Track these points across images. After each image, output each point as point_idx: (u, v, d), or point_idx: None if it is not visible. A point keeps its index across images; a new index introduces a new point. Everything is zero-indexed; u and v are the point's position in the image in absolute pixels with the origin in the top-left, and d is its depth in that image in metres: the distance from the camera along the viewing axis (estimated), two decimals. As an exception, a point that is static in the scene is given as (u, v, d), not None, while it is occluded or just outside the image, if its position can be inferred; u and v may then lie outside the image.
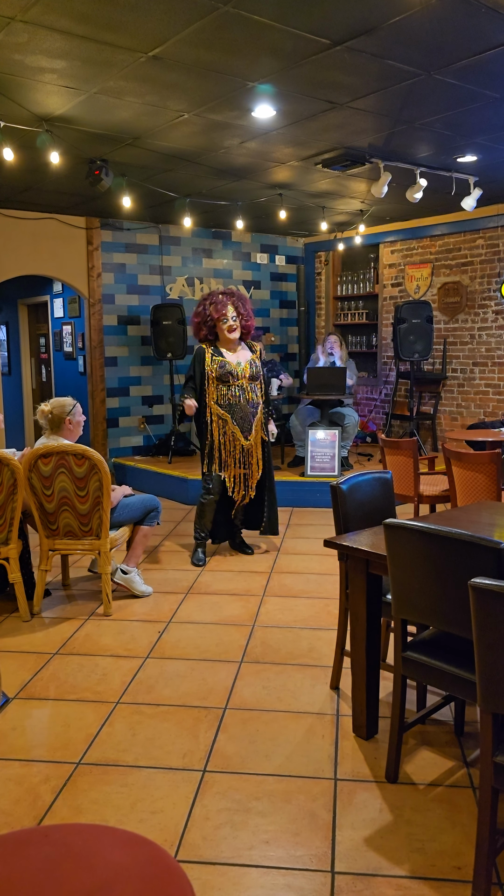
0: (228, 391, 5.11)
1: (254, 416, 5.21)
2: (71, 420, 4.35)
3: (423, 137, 5.28)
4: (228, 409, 5.13)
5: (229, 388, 5.11)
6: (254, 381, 5.22)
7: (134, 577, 4.59)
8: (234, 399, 5.13)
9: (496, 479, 4.42)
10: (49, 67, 3.93)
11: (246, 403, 5.17)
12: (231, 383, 5.11)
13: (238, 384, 5.13)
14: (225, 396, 5.11)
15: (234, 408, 5.14)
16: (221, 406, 5.12)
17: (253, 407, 5.21)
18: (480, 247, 8.15)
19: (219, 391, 5.12)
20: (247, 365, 5.19)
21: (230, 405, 5.13)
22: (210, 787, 2.59)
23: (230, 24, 3.44)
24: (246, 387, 5.16)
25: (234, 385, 5.11)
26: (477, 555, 2.21)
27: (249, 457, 5.22)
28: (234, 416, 5.14)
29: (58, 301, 9.59)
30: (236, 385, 5.12)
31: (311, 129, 5.02)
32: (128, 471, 8.24)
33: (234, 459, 5.18)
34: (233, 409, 5.14)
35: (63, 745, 2.87)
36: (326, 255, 9.99)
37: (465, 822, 2.39)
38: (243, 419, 5.16)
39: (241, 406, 5.15)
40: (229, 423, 5.13)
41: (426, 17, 3.38)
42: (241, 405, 5.15)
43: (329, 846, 2.28)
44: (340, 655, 3.31)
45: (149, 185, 6.56)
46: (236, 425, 5.14)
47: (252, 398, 5.21)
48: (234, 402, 5.13)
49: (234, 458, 5.17)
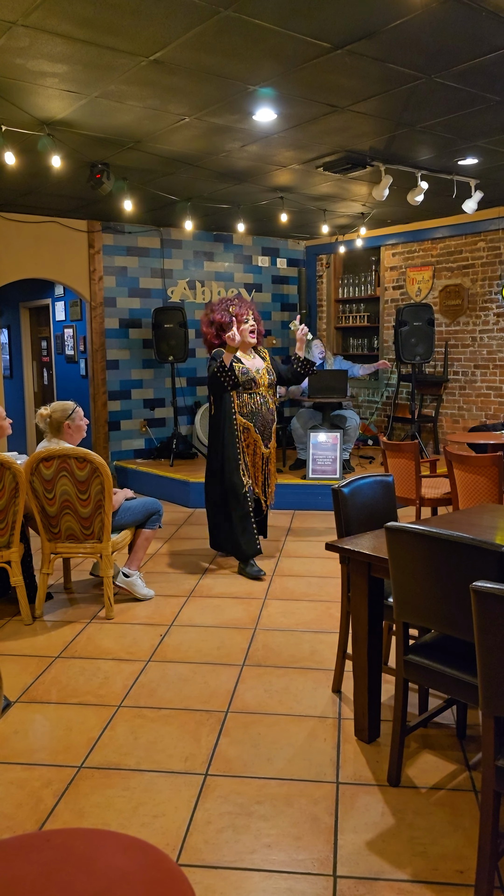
0: (251, 399, 4.98)
1: (272, 424, 5.12)
2: (70, 424, 4.35)
3: (425, 140, 5.28)
4: (251, 417, 4.99)
5: (252, 395, 4.98)
6: (271, 388, 5.12)
7: (136, 580, 4.59)
8: (257, 407, 5.00)
9: (498, 481, 4.42)
10: (50, 71, 3.94)
11: (267, 411, 5.06)
12: (254, 390, 4.98)
13: (259, 392, 5.01)
14: (248, 405, 4.98)
15: (256, 416, 5.01)
16: (244, 415, 4.98)
17: (271, 414, 5.11)
18: (482, 249, 8.15)
19: (241, 399, 4.97)
20: (264, 371, 5.08)
21: (253, 413, 4.99)
22: (212, 790, 2.59)
23: (231, 28, 3.44)
24: (266, 394, 5.05)
25: (256, 392, 4.99)
26: (479, 558, 2.21)
27: (268, 464, 5.12)
28: (257, 425, 5.01)
29: (59, 304, 9.61)
30: (258, 392, 5.00)
31: (313, 132, 5.03)
32: (129, 474, 8.24)
33: (257, 468, 5.06)
34: (255, 418, 5.00)
35: (65, 749, 2.87)
36: (328, 257, 10.00)
37: (467, 825, 2.38)
38: (264, 427, 5.05)
39: (262, 414, 5.03)
40: (252, 431, 4.99)
41: (427, 21, 3.39)
42: (262, 413, 5.03)
43: (331, 850, 2.28)
44: (342, 659, 3.31)
45: (150, 189, 6.57)
46: (259, 433, 5.02)
47: (271, 406, 5.11)
48: (256, 410, 5.00)
49: (255, 468, 5.06)
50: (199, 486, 7.29)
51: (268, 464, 5.13)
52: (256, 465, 5.06)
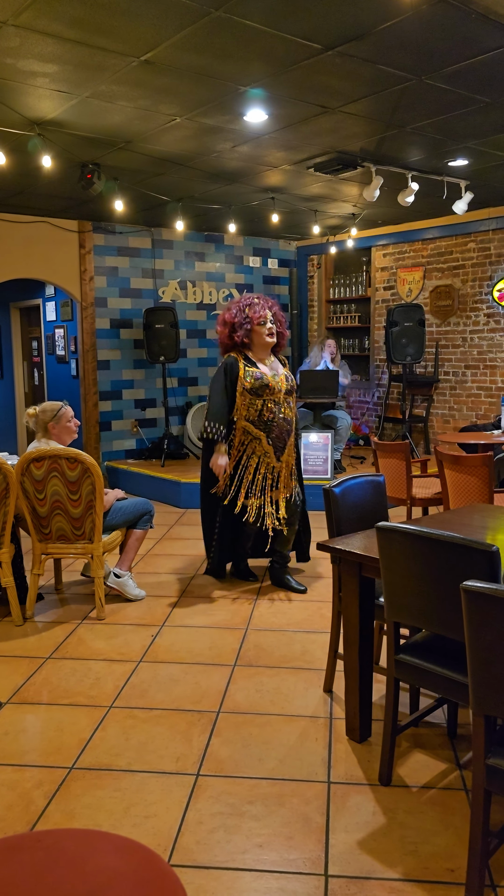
0: (264, 406, 4.47)
1: (289, 436, 4.61)
2: (55, 424, 4.33)
3: (415, 141, 5.30)
4: (264, 426, 4.49)
5: (264, 402, 4.47)
6: (289, 395, 4.61)
7: (127, 580, 4.58)
8: (271, 415, 4.48)
9: (488, 481, 4.43)
10: (41, 71, 3.93)
11: (283, 421, 4.54)
12: (266, 396, 4.47)
13: (274, 398, 4.49)
14: (260, 412, 4.47)
15: (269, 425, 4.49)
16: (254, 423, 4.48)
17: (288, 424, 4.59)
18: (472, 250, 8.18)
19: (252, 406, 4.48)
20: (282, 377, 4.57)
21: (266, 422, 4.49)
22: (203, 790, 2.59)
23: (221, 29, 3.45)
24: (282, 401, 4.54)
25: (268, 399, 4.48)
26: (469, 558, 2.22)
27: (278, 480, 4.58)
28: (270, 435, 4.50)
29: (50, 304, 9.58)
30: (272, 399, 4.49)
31: (303, 133, 5.04)
32: (120, 474, 8.23)
33: (260, 485, 4.54)
34: (269, 427, 4.49)
35: (56, 750, 2.87)
36: (319, 258, 10.01)
37: (458, 824, 2.39)
38: (279, 438, 4.54)
39: (277, 423, 4.51)
40: (263, 442, 4.49)
41: (417, 23, 3.40)
42: (277, 422, 4.51)
43: (322, 849, 2.28)
44: (333, 658, 3.32)
45: (141, 189, 6.57)
46: (271, 445, 4.51)
47: (288, 415, 4.59)
48: (269, 419, 4.48)
49: (258, 484, 4.54)
50: (190, 487, 7.28)
51: (278, 480, 4.57)
52: (259, 483, 4.54)
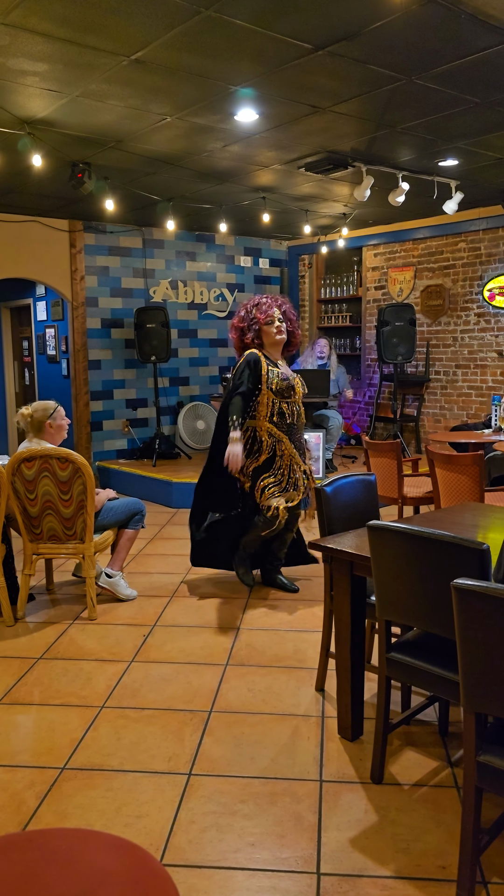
0: (288, 408, 4.34)
1: (303, 438, 4.56)
2: (52, 423, 4.32)
3: (405, 141, 5.32)
4: (287, 429, 4.36)
5: (290, 404, 4.35)
6: (303, 399, 4.52)
7: (118, 580, 4.57)
8: (293, 418, 4.38)
9: (479, 480, 4.45)
10: (31, 70, 3.92)
11: (301, 423, 4.49)
12: (292, 399, 4.36)
13: (295, 401, 4.40)
14: (283, 414, 4.34)
15: (291, 428, 4.38)
16: (279, 426, 4.34)
17: (302, 429, 4.55)
18: (462, 250, 8.21)
19: (276, 408, 4.32)
20: (299, 380, 4.48)
21: (289, 425, 4.37)
22: (195, 790, 2.59)
23: (212, 28, 3.45)
24: (300, 404, 4.46)
25: (291, 401, 4.36)
26: (460, 556, 2.23)
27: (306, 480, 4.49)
28: (292, 437, 4.40)
29: (41, 304, 9.56)
30: (294, 402, 4.38)
31: (294, 132, 5.04)
32: (112, 474, 8.21)
33: (295, 485, 4.44)
34: (291, 430, 4.38)
35: (47, 751, 2.86)
36: (310, 258, 10.02)
37: (449, 821, 2.40)
38: (299, 440, 4.47)
39: (297, 427, 4.43)
40: (286, 444, 4.36)
41: (407, 23, 3.41)
42: (297, 426, 4.43)
43: (315, 848, 2.28)
44: (325, 657, 3.32)
45: (132, 189, 6.56)
46: (294, 447, 4.41)
47: (303, 418, 4.53)
48: (292, 422, 4.37)
49: (293, 484, 4.43)
50: (182, 486, 7.28)
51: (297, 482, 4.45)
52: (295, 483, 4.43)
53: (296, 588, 4.69)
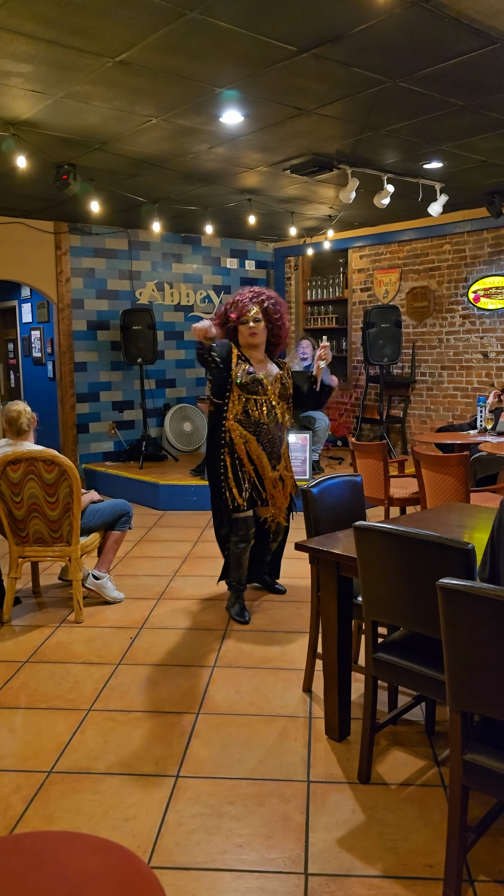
0: (255, 407, 4.07)
1: (281, 443, 4.22)
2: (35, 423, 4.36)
3: (390, 144, 5.34)
4: (254, 427, 4.08)
5: (256, 401, 4.08)
6: (282, 399, 4.20)
7: (106, 582, 4.56)
8: (261, 416, 4.08)
9: (465, 481, 4.48)
10: (15, 71, 3.90)
11: (274, 425, 4.14)
12: (260, 395, 4.08)
13: (266, 400, 4.10)
14: (250, 412, 4.08)
15: (260, 427, 4.09)
16: (244, 425, 4.08)
17: (280, 431, 4.20)
18: (447, 252, 8.26)
19: (242, 404, 4.07)
20: (276, 378, 4.16)
21: (257, 423, 4.08)
22: (183, 792, 2.58)
23: (197, 30, 3.45)
24: (275, 404, 4.15)
25: (262, 399, 4.09)
26: (446, 556, 2.24)
27: (277, 490, 4.22)
28: (261, 439, 4.10)
29: (26, 306, 9.52)
30: (265, 400, 4.10)
31: (279, 134, 5.06)
32: (98, 476, 8.19)
33: (264, 491, 4.18)
34: (259, 429, 4.09)
35: (34, 754, 2.85)
36: (296, 259, 10.04)
37: (436, 820, 2.41)
38: (271, 443, 4.14)
39: (268, 427, 4.11)
40: (253, 444, 4.09)
41: (391, 26, 3.43)
42: (268, 425, 4.10)
43: (302, 848, 2.29)
44: (312, 658, 3.33)
45: (117, 190, 6.54)
46: (263, 450, 4.11)
47: (280, 419, 4.18)
48: (260, 420, 4.08)
49: (263, 490, 4.18)
50: (168, 489, 7.27)
51: (277, 490, 4.22)
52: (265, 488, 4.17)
53: (283, 590, 4.68)
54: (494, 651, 1.89)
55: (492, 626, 1.88)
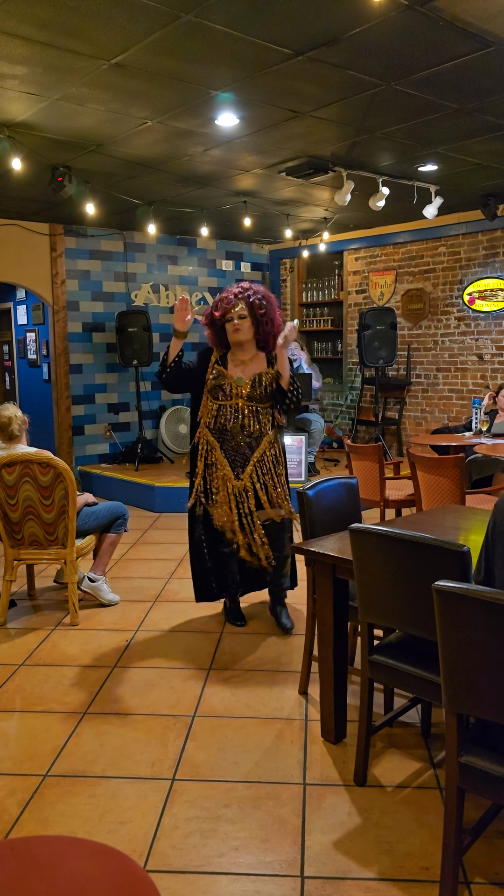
0: (219, 411, 3.91)
1: (251, 450, 3.92)
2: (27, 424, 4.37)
3: (385, 147, 5.35)
4: (218, 434, 3.93)
5: (220, 406, 3.91)
6: (257, 402, 3.91)
7: (101, 585, 4.55)
8: (225, 422, 3.90)
9: (460, 483, 4.48)
10: (10, 73, 3.90)
11: (240, 431, 3.89)
12: (221, 401, 3.91)
13: (231, 404, 3.89)
14: (215, 417, 3.93)
15: (224, 434, 3.92)
16: (210, 429, 3.95)
17: (250, 437, 3.91)
18: (442, 254, 8.27)
19: (207, 408, 3.98)
20: (248, 382, 3.91)
21: (220, 430, 3.92)
22: (179, 795, 2.58)
23: (192, 33, 3.45)
24: (241, 409, 3.89)
25: (225, 405, 3.90)
26: (441, 558, 2.24)
27: (245, 501, 3.92)
28: (224, 445, 3.92)
29: (21, 308, 9.50)
30: (229, 405, 3.90)
31: (275, 137, 5.06)
32: (94, 479, 8.17)
33: (227, 501, 3.95)
34: (223, 436, 3.92)
35: (29, 758, 2.84)
36: (291, 262, 10.05)
37: (432, 822, 2.41)
38: (235, 451, 3.91)
39: (232, 433, 3.90)
40: (217, 452, 3.93)
41: (386, 29, 3.43)
42: (231, 432, 3.90)
43: (298, 851, 2.29)
44: (308, 660, 3.33)
45: (112, 192, 6.54)
46: (225, 457, 3.92)
47: (250, 426, 3.90)
48: (224, 426, 3.91)
49: (225, 499, 3.95)
50: (164, 491, 7.26)
51: (245, 502, 3.91)
52: (229, 500, 3.93)
53: (289, 626, 4.13)
54: (490, 653, 1.90)
55: (487, 628, 1.88)
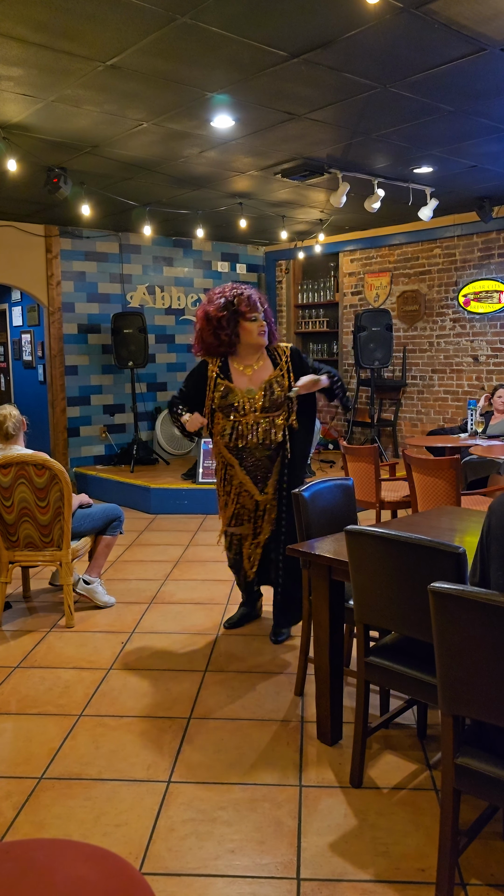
0: (234, 429, 3.72)
1: (272, 462, 3.80)
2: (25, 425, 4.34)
3: (381, 149, 5.36)
4: (236, 452, 3.78)
5: (234, 423, 3.72)
6: (273, 410, 3.74)
7: (96, 587, 4.54)
8: (242, 440, 3.73)
9: (456, 484, 4.49)
10: (6, 75, 3.90)
11: (258, 444, 3.73)
12: (234, 419, 3.72)
13: (246, 421, 3.71)
14: (230, 435, 3.74)
15: (242, 451, 3.76)
16: (229, 449, 3.79)
17: (269, 449, 3.76)
18: (437, 256, 8.29)
19: (221, 427, 3.77)
20: (259, 392, 3.72)
21: (237, 448, 3.76)
22: (175, 797, 2.58)
23: (187, 35, 3.45)
24: (259, 422, 3.71)
25: (240, 421, 3.72)
26: (437, 560, 2.24)
27: (263, 514, 3.86)
28: (244, 462, 3.78)
29: (16, 309, 9.49)
30: (243, 422, 3.71)
31: (270, 139, 5.07)
32: (90, 480, 8.16)
33: (248, 515, 3.87)
34: (241, 453, 3.77)
35: (25, 760, 2.83)
36: (287, 263, 10.06)
37: (428, 824, 2.41)
38: (256, 466, 3.78)
39: (250, 449, 3.74)
40: (237, 469, 3.80)
41: (382, 32, 3.44)
42: (250, 447, 3.74)
43: (294, 853, 2.28)
44: (304, 662, 3.33)
45: (108, 194, 6.54)
46: (246, 474, 3.79)
47: (268, 437, 3.73)
48: (241, 445, 3.74)
49: (248, 514, 3.87)
50: (160, 492, 7.26)
51: (263, 514, 3.86)
52: (248, 512, 3.86)
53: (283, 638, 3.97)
54: (486, 654, 1.90)
55: (483, 629, 1.88)
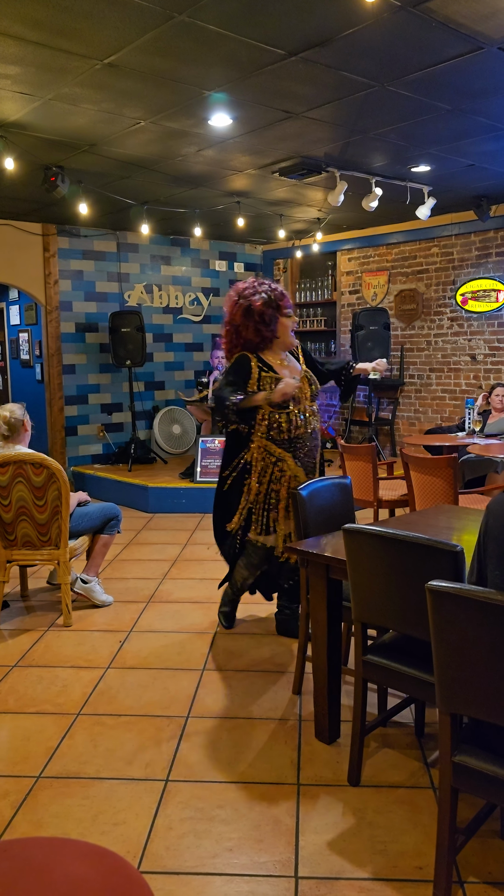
0: (289, 422, 3.60)
1: (317, 451, 3.80)
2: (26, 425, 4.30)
3: (378, 147, 5.36)
4: (289, 444, 3.64)
5: (289, 415, 3.60)
6: (313, 399, 3.78)
7: (94, 586, 4.54)
8: (297, 430, 3.63)
9: (453, 483, 4.49)
10: (3, 73, 3.89)
11: (311, 435, 3.72)
12: (291, 409, 3.61)
13: (299, 409, 3.65)
14: (284, 429, 3.60)
15: (296, 443, 3.65)
16: (277, 441, 3.62)
17: (316, 439, 3.78)
18: (435, 255, 8.29)
19: (274, 420, 3.60)
20: (304, 379, 3.72)
21: (292, 441, 3.63)
22: (173, 796, 2.58)
23: (185, 34, 3.45)
24: (309, 410, 3.71)
25: (293, 410, 3.62)
26: (434, 558, 2.25)
27: None
28: (298, 454, 3.66)
29: (14, 308, 9.48)
30: (297, 410, 3.63)
31: (268, 137, 5.06)
32: (87, 479, 8.16)
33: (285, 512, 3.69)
34: (295, 445, 3.65)
35: (22, 759, 2.83)
36: (285, 262, 10.06)
37: (425, 822, 2.41)
38: (308, 455, 3.71)
39: (304, 439, 3.68)
40: (289, 463, 3.64)
41: (379, 31, 3.44)
42: (304, 438, 3.67)
43: (292, 851, 2.28)
44: (302, 661, 3.33)
45: (105, 192, 6.53)
46: (300, 466, 3.68)
47: (316, 426, 3.77)
48: (296, 436, 3.63)
49: (284, 512, 3.69)
50: (157, 491, 7.26)
51: None
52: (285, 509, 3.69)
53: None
54: (483, 653, 1.90)
55: (480, 628, 1.89)
